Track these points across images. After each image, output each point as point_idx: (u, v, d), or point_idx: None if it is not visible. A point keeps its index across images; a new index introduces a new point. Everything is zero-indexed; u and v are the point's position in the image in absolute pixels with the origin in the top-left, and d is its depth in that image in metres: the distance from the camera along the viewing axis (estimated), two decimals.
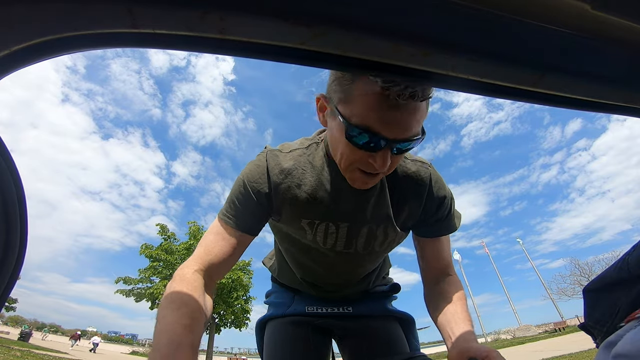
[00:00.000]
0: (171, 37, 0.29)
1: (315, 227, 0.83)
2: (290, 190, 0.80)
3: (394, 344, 1.01)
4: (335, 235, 0.84)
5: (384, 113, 0.58)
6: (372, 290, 1.10)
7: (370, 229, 0.84)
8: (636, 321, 0.67)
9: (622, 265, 0.76)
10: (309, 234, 0.85)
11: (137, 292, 14.67)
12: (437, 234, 0.88)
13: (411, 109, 0.59)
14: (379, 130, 0.59)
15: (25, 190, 0.36)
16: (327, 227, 0.83)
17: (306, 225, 0.83)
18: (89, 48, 0.30)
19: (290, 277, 1.08)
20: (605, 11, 0.31)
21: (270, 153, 0.83)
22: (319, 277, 1.00)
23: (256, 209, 0.82)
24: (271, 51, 0.31)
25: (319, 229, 0.83)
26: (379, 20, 0.30)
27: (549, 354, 9.95)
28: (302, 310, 1.05)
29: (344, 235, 0.84)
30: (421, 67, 0.34)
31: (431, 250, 0.90)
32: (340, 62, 0.33)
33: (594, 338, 0.81)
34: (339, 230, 0.83)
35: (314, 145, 0.85)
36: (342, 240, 0.85)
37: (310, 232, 0.84)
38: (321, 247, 0.87)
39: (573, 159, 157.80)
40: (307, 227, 0.84)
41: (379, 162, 0.63)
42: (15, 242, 0.35)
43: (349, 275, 0.99)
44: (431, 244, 0.89)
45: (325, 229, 0.83)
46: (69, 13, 0.27)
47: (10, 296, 0.56)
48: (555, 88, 0.38)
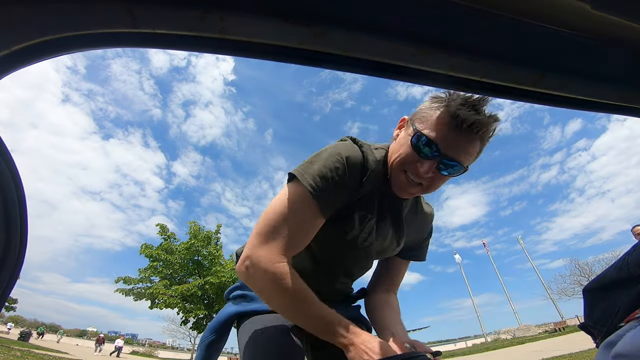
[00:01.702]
0: (171, 37, 0.29)
1: (365, 222, 0.89)
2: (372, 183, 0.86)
3: None
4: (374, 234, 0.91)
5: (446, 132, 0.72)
6: (349, 295, 1.14)
7: (392, 235, 0.96)
8: (636, 321, 0.68)
9: (622, 265, 0.76)
10: (356, 229, 0.88)
11: (137, 291, 14.68)
12: (413, 258, 1.09)
13: (468, 137, 0.72)
14: (437, 141, 0.72)
15: (25, 190, 0.36)
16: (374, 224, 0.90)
17: (358, 219, 0.87)
18: (89, 48, 0.30)
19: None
20: (605, 11, 0.31)
21: (365, 144, 0.87)
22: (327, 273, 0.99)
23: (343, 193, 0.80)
24: (271, 51, 0.31)
25: (368, 225, 0.89)
26: (379, 20, 0.30)
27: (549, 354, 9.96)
28: None
29: (379, 235, 0.93)
30: (421, 67, 0.34)
31: (397, 268, 1.09)
32: (340, 62, 0.33)
33: (593, 338, 0.81)
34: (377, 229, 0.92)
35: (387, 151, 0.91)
36: (377, 241, 0.93)
37: (358, 228, 0.88)
38: (359, 245, 0.91)
39: (573, 159, 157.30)
40: (357, 222, 0.87)
41: (425, 168, 0.74)
42: (15, 242, 0.35)
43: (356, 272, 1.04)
44: (400, 264, 1.09)
45: (372, 226, 0.90)
46: (69, 13, 0.27)
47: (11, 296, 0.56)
48: (555, 88, 0.38)
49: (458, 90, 0.37)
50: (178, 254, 15.13)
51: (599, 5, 0.30)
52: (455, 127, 0.71)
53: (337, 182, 0.77)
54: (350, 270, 1.01)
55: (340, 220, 0.86)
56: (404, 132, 0.84)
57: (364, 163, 0.82)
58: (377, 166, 0.85)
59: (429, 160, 0.74)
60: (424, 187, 0.79)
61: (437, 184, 0.80)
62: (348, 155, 0.79)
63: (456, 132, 0.71)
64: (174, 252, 15.18)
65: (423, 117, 0.76)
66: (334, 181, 0.77)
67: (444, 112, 0.72)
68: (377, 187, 0.89)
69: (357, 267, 1.01)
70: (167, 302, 14.11)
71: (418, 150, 0.75)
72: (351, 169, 0.79)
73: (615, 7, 0.30)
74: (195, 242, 15.19)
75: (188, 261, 15.59)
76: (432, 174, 0.75)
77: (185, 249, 15.11)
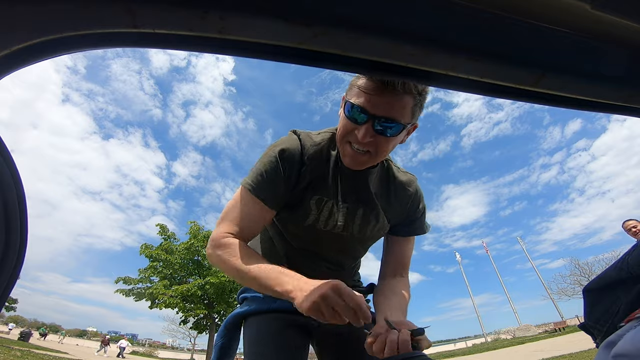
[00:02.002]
0: (171, 36, 0.29)
1: (322, 205, 0.92)
2: (316, 167, 0.91)
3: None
4: (337, 215, 0.93)
5: (370, 95, 0.75)
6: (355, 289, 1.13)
7: (364, 212, 0.95)
8: (636, 321, 0.68)
9: (622, 265, 0.76)
10: (313, 214, 0.92)
11: (137, 291, 14.67)
12: (410, 233, 1.05)
13: (394, 95, 0.74)
14: (364, 105, 0.76)
15: (25, 190, 0.36)
16: (332, 206, 0.93)
17: (314, 203, 0.91)
18: (89, 48, 0.30)
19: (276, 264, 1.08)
20: (605, 11, 0.31)
21: (303, 133, 0.95)
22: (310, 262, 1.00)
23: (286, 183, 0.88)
24: (271, 51, 0.31)
25: (325, 207, 0.92)
26: (379, 20, 0.30)
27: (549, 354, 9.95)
28: (288, 305, 1.02)
29: (343, 216, 0.94)
30: (421, 67, 0.34)
31: (398, 248, 1.05)
32: (340, 62, 0.33)
33: (593, 338, 0.81)
34: (340, 210, 0.93)
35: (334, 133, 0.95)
36: (342, 222, 0.94)
37: (315, 212, 0.92)
38: (322, 229, 0.94)
39: (573, 159, 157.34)
40: (314, 207, 0.91)
41: (362, 133, 0.77)
42: (15, 242, 0.35)
43: (341, 259, 1.05)
44: (399, 243, 1.05)
45: (330, 208, 0.92)
46: (69, 13, 0.27)
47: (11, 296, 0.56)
48: (555, 88, 0.38)
49: (458, 90, 0.37)
50: (178, 254, 15.13)
51: (599, 5, 0.30)
52: (377, 88, 0.74)
53: (272, 174, 0.87)
54: (328, 256, 1.01)
55: (296, 207, 0.92)
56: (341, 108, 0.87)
57: (302, 150, 0.90)
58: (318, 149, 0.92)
59: (364, 124, 0.77)
60: (372, 153, 0.82)
61: (384, 147, 0.82)
62: (282, 148, 0.88)
63: (379, 91, 0.74)
64: (173, 252, 15.18)
65: (351, 89, 0.80)
66: (268, 175, 0.87)
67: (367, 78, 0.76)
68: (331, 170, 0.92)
69: (334, 252, 1.01)
70: (167, 302, 14.11)
71: (352, 119, 0.79)
72: (286, 160, 0.88)
73: (615, 7, 0.30)
74: (195, 242, 15.19)
75: (188, 261, 15.58)
76: (372, 137, 0.78)
77: (185, 248, 15.11)
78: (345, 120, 0.82)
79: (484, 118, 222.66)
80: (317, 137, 0.94)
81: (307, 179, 0.90)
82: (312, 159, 0.91)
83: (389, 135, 0.79)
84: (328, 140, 0.94)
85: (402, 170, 1.04)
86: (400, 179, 1.01)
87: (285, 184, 0.88)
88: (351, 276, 1.12)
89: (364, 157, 0.84)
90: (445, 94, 74.08)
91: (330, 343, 1.04)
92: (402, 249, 1.05)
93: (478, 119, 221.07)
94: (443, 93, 64.88)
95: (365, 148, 0.81)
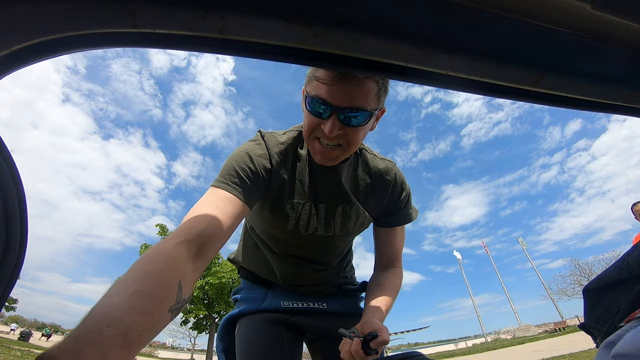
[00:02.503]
0: (171, 36, 0.29)
1: (299, 209, 0.88)
2: (284, 169, 0.87)
3: None
4: (316, 217, 0.91)
5: (330, 85, 0.70)
6: (345, 287, 1.13)
7: (344, 209, 0.92)
8: (636, 321, 0.68)
9: (622, 265, 0.76)
10: (292, 219, 0.89)
11: None
12: (395, 223, 1.00)
13: (354, 83, 0.70)
14: (326, 98, 0.71)
15: (25, 190, 0.36)
16: (310, 208, 0.89)
17: (290, 208, 0.88)
18: (89, 48, 0.30)
19: (263, 268, 1.07)
20: (605, 11, 0.31)
21: (267, 134, 0.90)
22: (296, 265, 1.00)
23: (258, 181, 0.82)
24: (271, 51, 0.31)
25: (303, 211, 0.89)
26: (379, 20, 0.30)
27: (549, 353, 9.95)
28: (278, 305, 1.02)
29: (323, 216, 0.91)
30: (421, 66, 0.34)
31: (385, 240, 1.01)
32: (340, 62, 0.33)
33: (593, 338, 0.81)
34: (318, 211, 0.91)
35: (300, 132, 0.91)
36: (322, 223, 0.92)
37: (293, 217, 0.89)
38: (302, 233, 0.91)
39: (573, 159, 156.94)
40: (290, 211, 0.88)
41: (328, 127, 0.73)
42: (15, 242, 0.35)
43: (326, 259, 1.03)
44: (386, 234, 1.01)
45: (308, 211, 0.89)
46: (70, 13, 0.27)
47: (11, 296, 0.56)
48: (555, 88, 0.38)
49: (458, 90, 0.37)
50: None
51: (599, 5, 0.30)
52: (335, 77, 0.69)
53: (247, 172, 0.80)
54: (312, 258, 1.00)
55: (273, 214, 0.89)
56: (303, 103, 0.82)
57: (268, 151, 0.86)
58: (284, 149, 0.87)
59: (329, 118, 0.73)
60: (343, 146, 0.78)
61: (355, 138, 0.77)
62: (249, 149, 0.84)
63: (338, 80, 0.69)
64: None
65: (310, 81, 0.75)
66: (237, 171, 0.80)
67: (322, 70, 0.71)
68: (301, 170, 0.88)
69: (318, 254, 0.99)
70: None
71: (315, 113, 0.74)
72: (253, 160, 0.82)
73: (615, 7, 0.30)
74: None
75: None
76: (340, 129, 0.73)
77: None
78: (308, 115, 0.76)
79: (484, 118, 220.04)
80: (282, 137, 0.90)
81: (277, 182, 0.86)
82: (278, 159, 0.86)
83: (356, 125, 0.74)
84: (294, 139, 0.90)
85: (378, 157, 0.98)
86: (378, 167, 0.96)
87: (254, 182, 0.82)
88: (339, 273, 1.10)
89: (336, 152, 0.79)
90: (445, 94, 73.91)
91: (321, 342, 1.04)
92: (390, 240, 1.01)
93: (478, 119, 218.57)
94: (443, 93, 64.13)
95: (335, 142, 0.76)
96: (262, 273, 1.08)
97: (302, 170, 0.89)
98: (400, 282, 0.99)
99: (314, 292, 1.08)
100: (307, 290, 1.07)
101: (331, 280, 1.09)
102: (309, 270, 1.02)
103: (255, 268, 1.10)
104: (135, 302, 0.42)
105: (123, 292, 0.42)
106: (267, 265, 1.04)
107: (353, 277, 1.19)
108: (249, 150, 0.84)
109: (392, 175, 0.97)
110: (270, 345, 0.95)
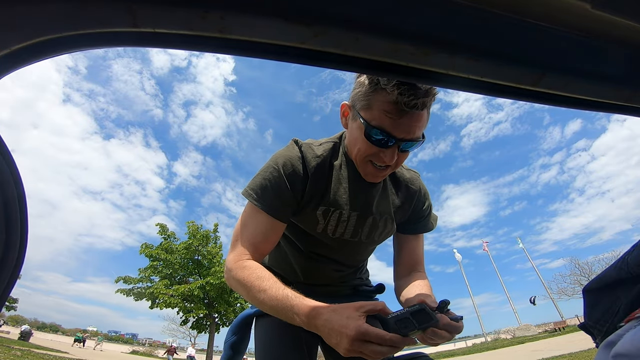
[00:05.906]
0: (172, 36, 0.29)
1: (329, 215, 0.92)
2: (320, 181, 0.91)
3: None
4: (346, 224, 0.94)
5: (395, 118, 0.75)
6: (360, 289, 1.15)
7: (374, 220, 0.96)
8: (636, 321, 0.68)
9: (622, 265, 0.76)
10: (321, 224, 0.92)
11: (137, 291, 14.67)
12: (417, 231, 1.05)
13: (416, 116, 0.76)
14: (390, 131, 0.76)
15: (25, 190, 0.36)
16: (340, 215, 0.93)
17: (321, 214, 0.91)
18: (89, 47, 0.30)
19: (285, 266, 1.08)
20: (605, 11, 0.31)
21: (305, 144, 0.94)
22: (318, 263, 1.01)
23: (288, 196, 0.88)
24: (271, 50, 0.31)
25: (332, 217, 0.92)
26: (379, 19, 0.30)
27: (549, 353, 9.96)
28: None
29: (352, 224, 0.94)
30: (421, 66, 0.34)
31: (409, 247, 1.05)
32: (340, 62, 0.33)
33: (593, 338, 0.81)
34: (349, 219, 0.94)
35: (337, 143, 0.97)
36: (351, 229, 0.95)
37: (322, 222, 0.92)
38: (330, 236, 0.94)
39: (573, 159, 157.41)
40: (321, 217, 0.92)
41: (388, 156, 0.80)
42: (15, 242, 0.35)
43: (348, 262, 1.05)
44: (410, 241, 1.05)
45: (338, 218, 0.93)
46: (70, 12, 0.27)
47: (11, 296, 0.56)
48: (555, 87, 0.38)
49: (458, 90, 0.37)
50: (178, 253, 15.14)
51: (599, 5, 0.30)
52: (400, 111, 0.74)
53: (277, 188, 0.86)
54: (336, 258, 1.02)
55: (303, 219, 0.93)
56: (351, 121, 0.87)
57: (304, 162, 0.89)
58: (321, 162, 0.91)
59: (390, 147, 0.79)
60: (392, 167, 0.85)
61: (403, 160, 0.86)
62: (284, 161, 0.88)
63: (402, 115, 0.74)
64: (173, 251, 15.20)
65: (366, 105, 0.79)
66: (273, 188, 0.86)
67: (385, 99, 0.74)
68: (336, 180, 0.92)
69: (341, 255, 1.02)
70: (168, 302, 14.12)
71: (377, 143, 0.79)
72: (288, 173, 0.87)
73: (615, 7, 0.30)
74: (194, 242, 15.19)
75: (188, 261, 15.59)
76: (397, 156, 0.81)
77: (184, 248, 15.11)
78: (366, 142, 0.80)
79: (484, 118, 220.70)
80: (318, 149, 0.93)
81: (311, 192, 0.90)
82: (315, 172, 0.90)
83: (410, 150, 0.82)
84: (330, 151, 0.94)
85: (404, 168, 1.04)
86: (404, 177, 1.02)
87: (290, 197, 0.88)
88: (356, 274, 1.13)
89: (386, 172, 0.86)
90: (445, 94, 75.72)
91: None
92: (414, 247, 1.05)
93: (478, 119, 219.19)
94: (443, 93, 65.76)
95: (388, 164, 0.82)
96: (284, 271, 1.10)
97: (337, 182, 0.93)
98: (428, 282, 0.99)
99: (331, 292, 1.09)
100: (325, 291, 1.08)
101: (348, 281, 1.11)
102: (330, 270, 1.03)
103: (276, 266, 1.12)
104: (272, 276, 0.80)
105: (271, 290, 0.77)
106: (289, 264, 1.06)
107: (368, 280, 1.22)
108: (281, 164, 0.88)
109: (417, 185, 1.03)
110: (289, 346, 0.96)
